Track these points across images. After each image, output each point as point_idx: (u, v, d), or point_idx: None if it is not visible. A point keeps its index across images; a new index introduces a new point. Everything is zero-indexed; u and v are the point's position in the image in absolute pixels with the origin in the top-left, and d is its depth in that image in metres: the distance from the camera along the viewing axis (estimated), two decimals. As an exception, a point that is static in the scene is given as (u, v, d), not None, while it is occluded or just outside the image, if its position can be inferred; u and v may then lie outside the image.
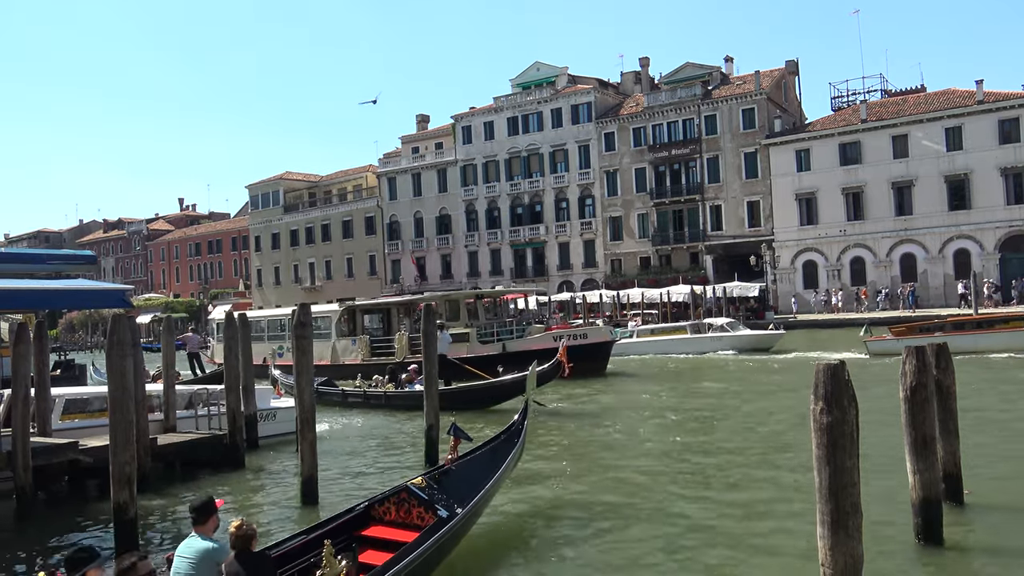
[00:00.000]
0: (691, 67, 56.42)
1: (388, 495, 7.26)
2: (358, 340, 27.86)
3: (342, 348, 28.15)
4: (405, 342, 26.21)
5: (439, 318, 27.65)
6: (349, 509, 7.21)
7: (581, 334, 25.89)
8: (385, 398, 20.16)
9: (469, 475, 7.75)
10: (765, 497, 9.18)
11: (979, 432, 11.63)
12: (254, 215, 77.92)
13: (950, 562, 6.89)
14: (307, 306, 11.20)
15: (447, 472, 7.81)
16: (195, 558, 5.11)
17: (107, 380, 8.34)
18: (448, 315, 27.68)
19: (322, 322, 28.91)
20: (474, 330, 26.20)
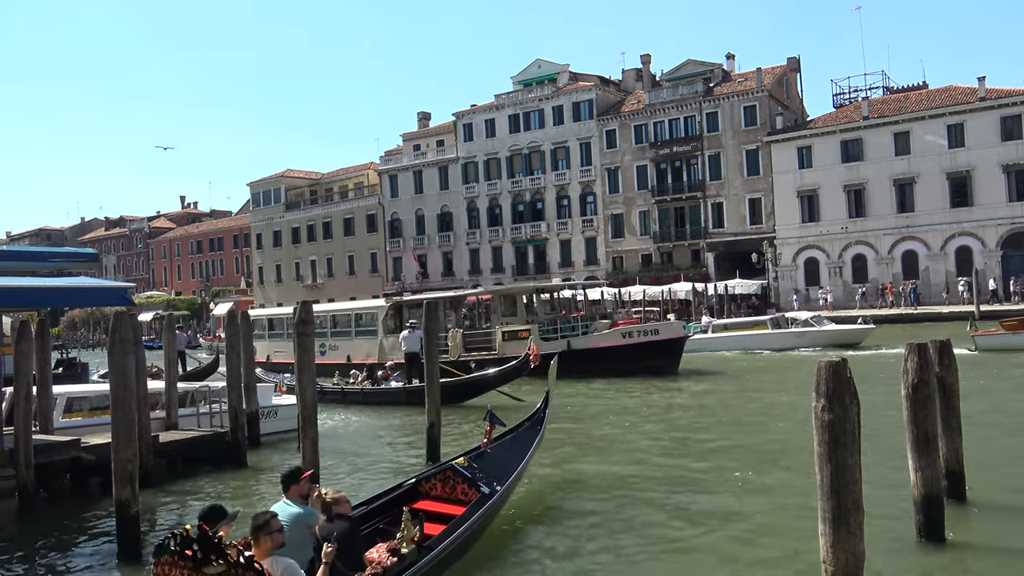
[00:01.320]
0: (692, 64, 56.36)
1: (434, 472, 8.13)
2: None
3: (389, 345, 26.76)
4: (459, 340, 25.26)
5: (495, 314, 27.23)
6: (399, 484, 8.09)
7: (652, 329, 24.53)
8: (363, 394, 20.51)
9: (502, 457, 8.59)
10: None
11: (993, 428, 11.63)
12: (255, 213, 77.94)
13: (952, 560, 6.89)
14: (309, 304, 11.19)
15: (482, 454, 8.59)
16: (289, 521, 5.65)
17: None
18: (504, 310, 26.72)
19: (368, 318, 28.17)
20: (535, 327, 24.78)
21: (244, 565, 4.76)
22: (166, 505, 10.22)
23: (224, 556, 4.80)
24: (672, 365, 23.55)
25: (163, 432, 12.55)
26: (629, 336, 23.83)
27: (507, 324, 25.56)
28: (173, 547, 4.95)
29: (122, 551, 7.83)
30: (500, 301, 27.35)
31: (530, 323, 25.24)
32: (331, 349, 28.06)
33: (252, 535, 5.12)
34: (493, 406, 11.23)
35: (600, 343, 23.77)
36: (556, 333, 24.88)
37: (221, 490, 11.09)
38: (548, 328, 25.11)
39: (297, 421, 10.54)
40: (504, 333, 24.70)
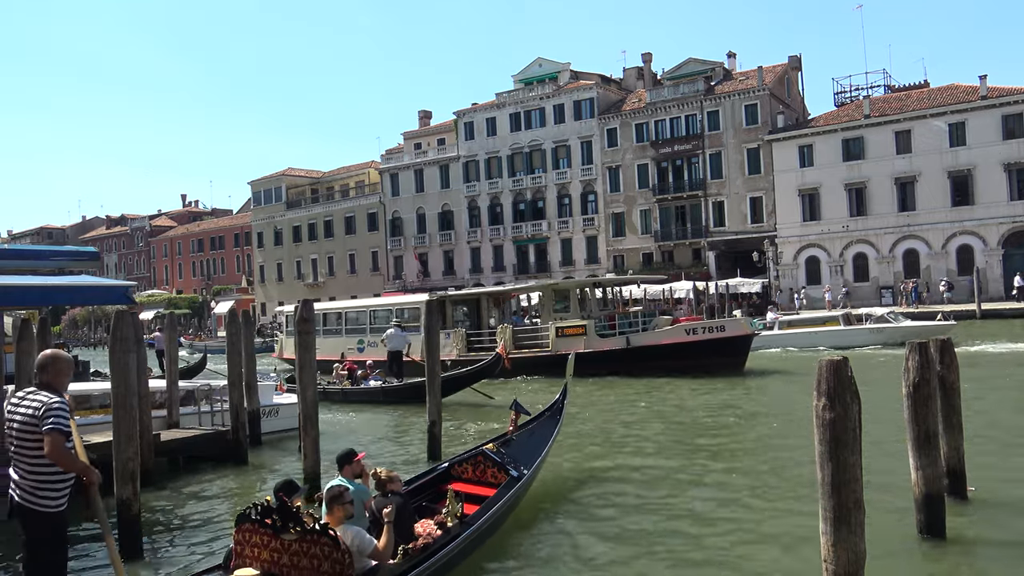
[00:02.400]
0: (694, 63, 56.34)
1: (466, 457, 8.71)
2: (452, 334, 25.92)
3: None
4: (509, 336, 24.38)
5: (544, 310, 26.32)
6: (433, 468, 8.90)
7: (717, 326, 23.28)
8: (343, 394, 20.55)
9: (527, 443, 9.27)
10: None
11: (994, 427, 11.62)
12: (257, 211, 77.96)
13: (953, 558, 6.89)
14: (310, 302, 11.21)
15: (508, 441, 9.20)
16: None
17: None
18: (556, 307, 25.88)
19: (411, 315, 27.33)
20: (591, 323, 23.80)
21: (319, 531, 5.33)
22: (167, 504, 10.21)
23: (301, 523, 5.38)
24: (738, 364, 22.34)
25: (164, 431, 12.56)
26: (693, 333, 22.83)
27: (560, 320, 24.65)
28: (254, 516, 5.52)
29: (123, 550, 7.82)
30: (551, 296, 26.32)
31: (585, 319, 24.19)
32: (370, 346, 27.22)
33: (327, 505, 5.75)
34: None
35: (661, 340, 22.76)
36: (614, 329, 23.82)
37: (223, 488, 11.10)
38: (605, 324, 24.08)
39: (298, 420, 10.55)
40: (557, 330, 23.89)
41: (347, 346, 27.59)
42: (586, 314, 25.08)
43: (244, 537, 5.60)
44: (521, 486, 8.12)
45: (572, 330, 23.65)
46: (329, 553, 5.30)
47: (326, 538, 5.33)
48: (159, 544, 8.37)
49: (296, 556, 5.40)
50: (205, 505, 10.15)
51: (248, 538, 5.58)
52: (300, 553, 5.38)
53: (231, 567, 5.70)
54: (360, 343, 27.97)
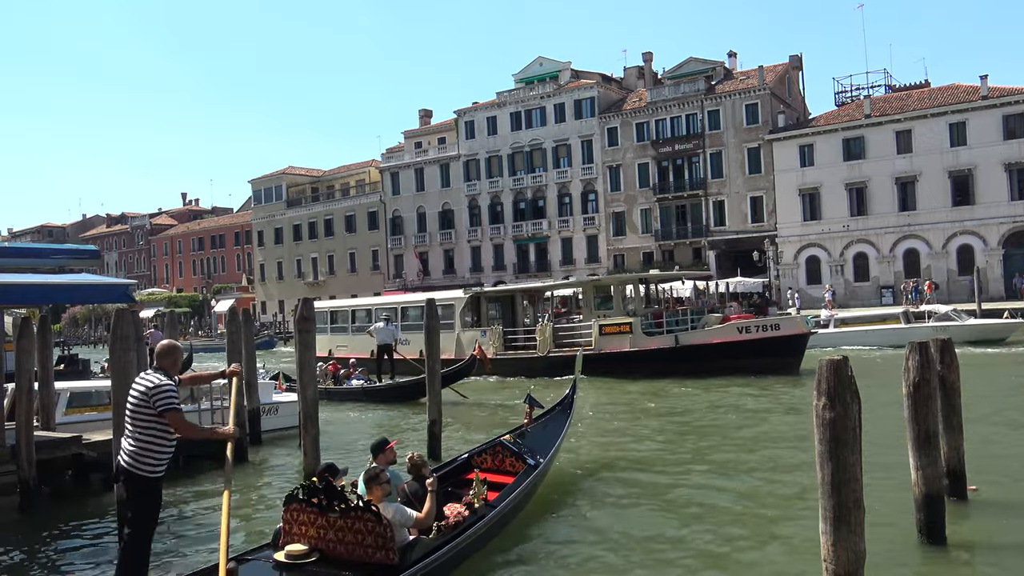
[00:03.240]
0: (694, 62, 56.32)
1: (485, 448, 9.22)
2: (489, 332, 24.99)
3: (468, 341, 25.02)
4: (549, 334, 23.47)
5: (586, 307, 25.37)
6: (454, 459, 9.29)
7: (772, 324, 22.20)
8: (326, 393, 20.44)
9: (541, 435, 9.76)
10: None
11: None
12: (257, 210, 77.96)
13: (953, 558, 6.89)
14: (310, 301, 11.20)
15: (523, 432, 9.70)
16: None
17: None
18: (598, 303, 24.93)
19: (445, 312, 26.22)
20: (637, 320, 22.77)
21: (363, 508, 5.84)
22: (167, 501, 10.19)
23: (345, 501, 5.90)
24: (793, 364, 21.17)
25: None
26: (746, 331, 21.75)
27: (604, 317, 23.78)
28: (301, 496, 6.04)
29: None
30: (593, 293, 25.31)
31: (630, 316, 23.19)
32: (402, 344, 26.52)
33: (366, 485, 6.26)
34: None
35: (712, 339, 21.80)
36: (661, 327, 22.81)
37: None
38: (651, 322, 23.13)
39: (298, 418, 10.56)
40: (601, 327, 22.92)
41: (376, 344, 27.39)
42: (630, 311, 24.05)
43: (292, 516, 6.08)
44: (538, 474, 8.60)
45: (617, 328, 22.65)
46: (372, 528, 5.80)
47: (369, 514, 5.81)
48: (159, 542, 8.35)
49: (341, 531, 5.88)
50: (205, 503, 10.16)
51: (296, 517, 6.07)
52: (345, 528, 5.87)
53: (280, 544, 6.14)
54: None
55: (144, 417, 5.56)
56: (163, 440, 5.62)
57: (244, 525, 9.15)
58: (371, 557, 5.81)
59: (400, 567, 5.79)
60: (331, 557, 5.94)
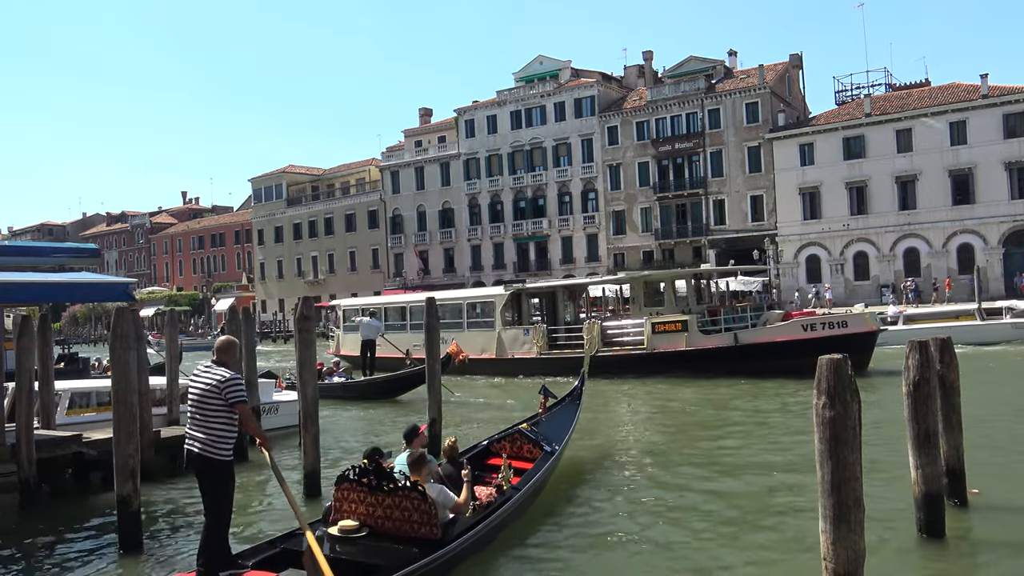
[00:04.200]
0: (694, 61, 56.31)
1: (504, 435, 9.77)
2: (532, 330, 23.97)
3: (509, 339, 24.07)
4: (597, 332, 22.55)
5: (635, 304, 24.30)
6: (474, 445, 9.80)
7: (839, 322, 20.97)
8: None
9: (555, 423, 10.35)
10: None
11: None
12: (257, 208, 77.95)
13: (952, 557, 6.89)
14: (310, 299, 11.20)
15: (538, 421, 10.34)
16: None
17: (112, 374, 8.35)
18: (646, 300, 24.00)
19: (483, 309, 25.56)
20: (693, 318, 21.72)
21: (410, 487, 6.36)
22: (167, 500, 10.22)
23: (393, 481, 6.42)
24: (861, 364, 19.36)
25: (165, 427, 12.56)
26: (811, 329, 20.57)
27: (656, 315, 22.67)
28: (352, 477, 6.56)
29: (124, 546, 7.84)
30: (642, 289, 24.39)
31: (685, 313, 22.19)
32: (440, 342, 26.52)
33: (412, 467, 6.77)
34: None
35: (774, 337, 20.67)
36: (718, 325, 21.82)
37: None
38: (708, 319, 22.12)
39: (298, 417, 10.55)
40: (653, 325, 21.92)
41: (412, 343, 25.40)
42: (684, 308, 23.02)
43: (343, 495, 6.61)
44: (554, 460, 9.19)
45: (670, 326, 21.62)
46: (418, 505, 6.33)
47: (415, 493, 6.34)
48: (160, 540, 8.37)
49: (389, 509, 6.40)
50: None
51: (346, 496, 6.59)
52: (393, 506, 6.39)
53: (330, 520, 6.65)
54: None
55: (215, 407, 6.04)
56: (231, 427, 6.16)
57: (245, 523, 9.14)
58: (416, 532, 6.33)
59: (442, 542, 6.32)
60: (380, 532, 6.45)
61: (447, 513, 6.64)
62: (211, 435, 6.09)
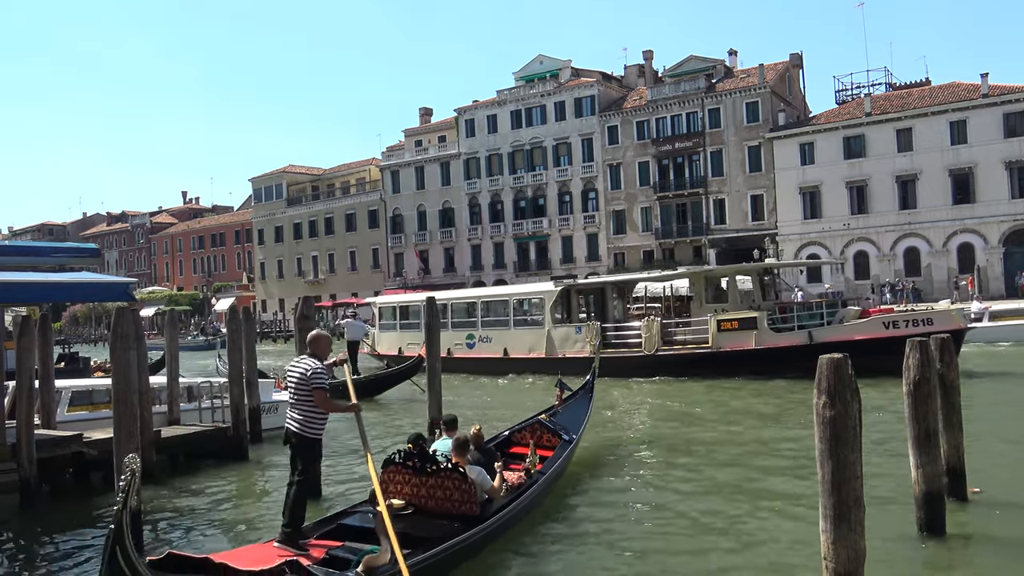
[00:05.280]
0: (695, 60, 56.29)
1: (524, 425, 10.38)
2: (585, 328, 22.66)
3: (560, 338, 22.94)
4: (656, 330, 21.21)
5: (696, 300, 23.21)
6: (497, 435, 10.29)
7: (924, 319, 19.54)
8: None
9: (570, 415, 11.00)
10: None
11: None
12: (257, 208, 77.96)
13: (953, 556, 6.89)
14: (310, 299, 11.21)
15: (556, 412, 10.93)
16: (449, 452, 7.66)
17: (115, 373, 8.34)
18: (708, 297, 22.98)
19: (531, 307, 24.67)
20: (763, 314, 20.44)
21: (452, 469, 6.96)
22: (168, 500, 10.23)
23: (436, 463, 7.05)
24: None
25: (165, 427, 12.56)
26: (893, 327, 19.21)
27: (722, 312, 21.44)
28: (398, 460, 7.16)
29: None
30: (703, 285, 23.24)
31: (756, 311, 20.92)
32: (482, 342, 24.27)
33: (456, 450, 7.46)
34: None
35: (854, 335, 19.18)
36: (790, 322, 20.48)
37: (223, 485, 11.11)
38: (778, 316, 20.87)
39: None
40: (719, 323, 20.63)
41: (454, 342, 24.83)
42: (753, 304, 21.90)
43: (389, 477, 7.15)
44: (572, 448, 9.87)
45: (739, 324, 20.45)
46: (459, 485, 6.90)
47: (457, 474, 6.92)
48: (160, 540, 8.37)
49: (432, 489, 6.95)
50: (206, 501, 10.16)
51: (392, 477, 7.13)
52: (436, 487, 6.94)
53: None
54: (469, 338, 24.94)
55: (305, 393, 6.93)
56: (321, 410, 6.99)
57: (246, 521, 9.15)
58: (458, 510, 6.90)
59: (481, 518, 6.92)
60: (424, 510, 7.01)
61: (482, 494, 7.20)
62: (305, 416, 6.96)
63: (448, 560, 6.32)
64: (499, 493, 7.55)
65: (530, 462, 8.62)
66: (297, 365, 7.08)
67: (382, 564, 5.74)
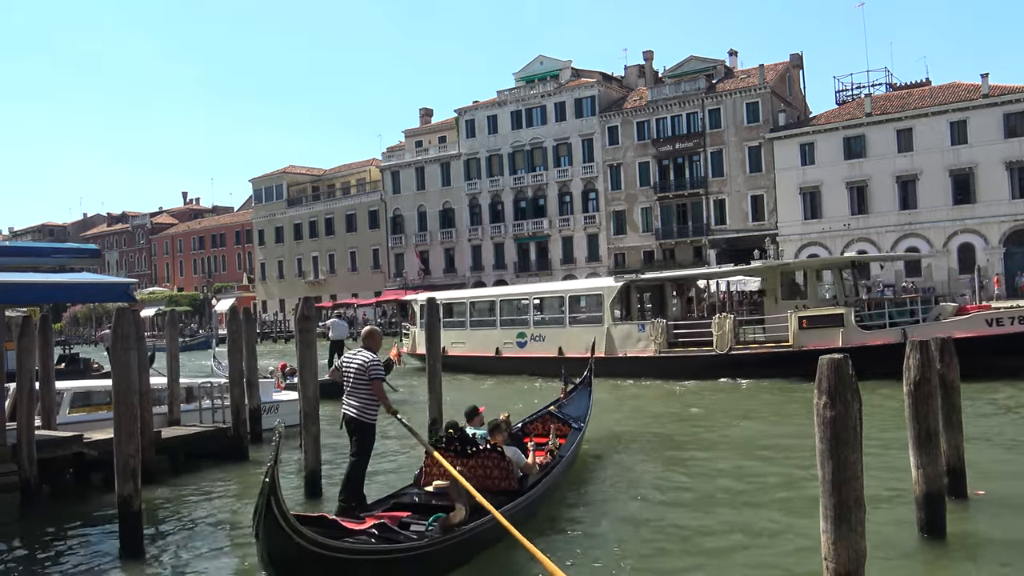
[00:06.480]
0: (695, 61, 56.32)
1: (536, 417, 11.14)
2: (650, 326, 21.32)
3: (621, 336, 21.70)
4: (729, 327, 19.96)
5: (769, 297, 22.24)
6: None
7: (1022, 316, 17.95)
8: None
9: (575, 405, 11.93)
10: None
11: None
12: (258, 209, 77.97)
13: (953, 556, 6.89)
14: (310, 299, 11.18)
15: (562, 404, 11.85)
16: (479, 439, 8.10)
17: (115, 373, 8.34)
18: (785, 292, 21.74)
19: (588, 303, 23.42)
20: (851, 311, 18.97)
21: (491, 449, 7.65)
22: (168, 500, 10.22)
23: (476, 445, 7.68)
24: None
25: (165, 428, 12.55)
26: (997, 324, 17.73)
27: (802, 308, 20.10)
28: (440, 445, 7.57)
29: (124, 547, 7.83)
30: (778, 280, 22.03)
31: (843, 306, 19.59)
32: (534, 340, 23.20)
33: (491, 432, 8.02)
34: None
35: (954, 333, 16.99)
36: (881, 319, 19.14)
37: (223, 485, 11.09)
38: (867, 313, 19.56)
39: (299, 416, 10.54)
40: (800, 320, 19.19)
41: (503, 340, 23.89)
42: (841, 300, 20.83)
43: (431, 460, 7.60)
44: (582, 434, 10.75)
45: (824, 320, 19.15)
46: (498, 463, 7.60)
47: (496, 453, 7.63)
48: (161, 541, 8.37)
49: (474, 469, 7.48)
50: (206, 502, 10.15)
51: (434, 461, 7.50)
52: (476, 466, 7.51)
53: (421, 483, 7.74)
54: (520, 336, 23.77)
55: (363, 383, 7.85)
56: (375, 397, 7.88)
57: (247, 521, 9.14)
58: (498, 486, 7.49)
59: (519, 492, 7.62)
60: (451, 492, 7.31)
61: (518, 471, 7.86)
62: (361, 403, 7.88)
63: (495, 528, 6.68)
64: (534, 469, 8.35)
65: (553, 444, 9.54)
66: (355, 357, 7.97)
67: (459, 522, 6.53)
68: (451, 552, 6.43)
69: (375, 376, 7.83)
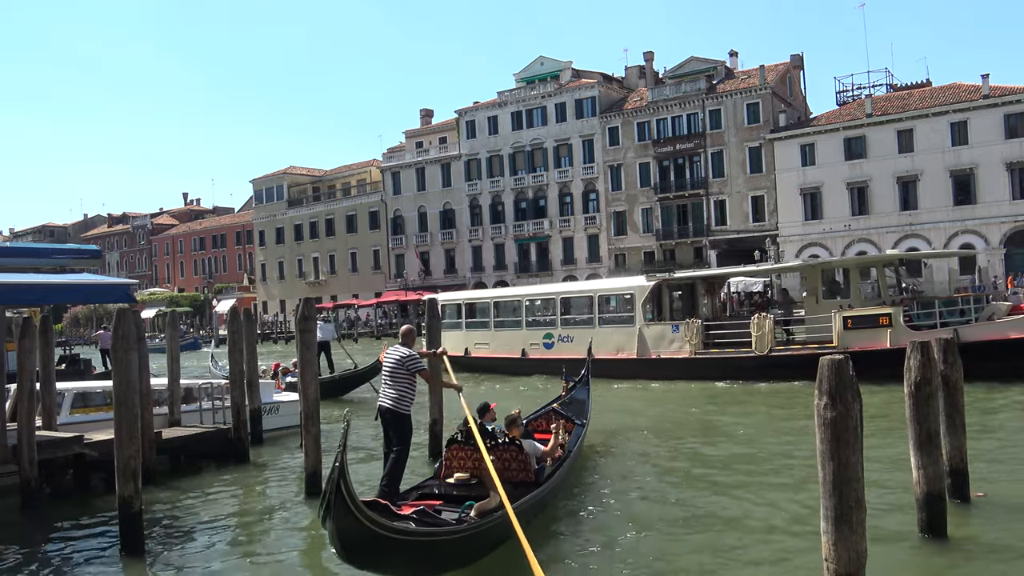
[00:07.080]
0: (695, 61, 56.32)
1: (541, 413, 11.54)
2: (684, 326, 20.56)
3: (654, 337, 20.95)
4: (769, 328, 19.20)
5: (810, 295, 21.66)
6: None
7: None
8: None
9: (576, 402, 12.50)
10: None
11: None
12: (258, 209, 77.99)
13: (954, 557, 6.87)
14: (311, 300, 11.18)
15: (563, 402, 12.35)
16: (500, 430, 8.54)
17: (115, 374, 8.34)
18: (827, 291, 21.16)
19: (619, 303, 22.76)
20: (899, 310, 18.25)
21: (509, 442, 8.01)
22: (169, 501, 10.21)
23: (495, 438, 7.98)
24: None
25: (166, 428, 12.55)
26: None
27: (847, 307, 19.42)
28: (460, 439, 8.02)
29: (125, 547, 7.83)
30: (819, 279, 21.34)
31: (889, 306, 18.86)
32: (562, 341, 22.61)
33: (508, 426, 8.40)
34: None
35: (1008, 334, 16.95)
36: (931, 319, 18.36)
37: (224, 486, 11.10)
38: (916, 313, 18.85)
39: (299, 417, 10.55)
40: (845, 320, 18.46)
41: (529, 341, 23.34)
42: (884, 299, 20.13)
43: (452, 454, 8.07)
44: (585, 429, 11.28)
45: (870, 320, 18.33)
46: (515, 455, 7.94)
47: (514, 446, 7.99)
48: (161, 542, 8.36)
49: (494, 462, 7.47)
50: (206, 503, 10.15)
51: (455, 454, 8.03)
52: (497, 459, 7.65)
53: (442, 476, 8.11)
54: (548, 337, 23.11)
55: (401, 376, 8.45)
56: (411, 390, 8.55)
57: (247, 522, 9.14)
58: (516, 477, 7.78)
59: (536, 483, 7.92)
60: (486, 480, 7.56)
61: (535, 462, 8.18)
62: (399, 394, 8.44)
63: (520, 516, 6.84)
64: (556, 452, 8.80)
65: (563, 437, 9.71)
66: (394, 352, 8.60)
67: (494, 507, 6.86)
68: (490, 535, 6.81)
69: (415, 368, 8.45)
